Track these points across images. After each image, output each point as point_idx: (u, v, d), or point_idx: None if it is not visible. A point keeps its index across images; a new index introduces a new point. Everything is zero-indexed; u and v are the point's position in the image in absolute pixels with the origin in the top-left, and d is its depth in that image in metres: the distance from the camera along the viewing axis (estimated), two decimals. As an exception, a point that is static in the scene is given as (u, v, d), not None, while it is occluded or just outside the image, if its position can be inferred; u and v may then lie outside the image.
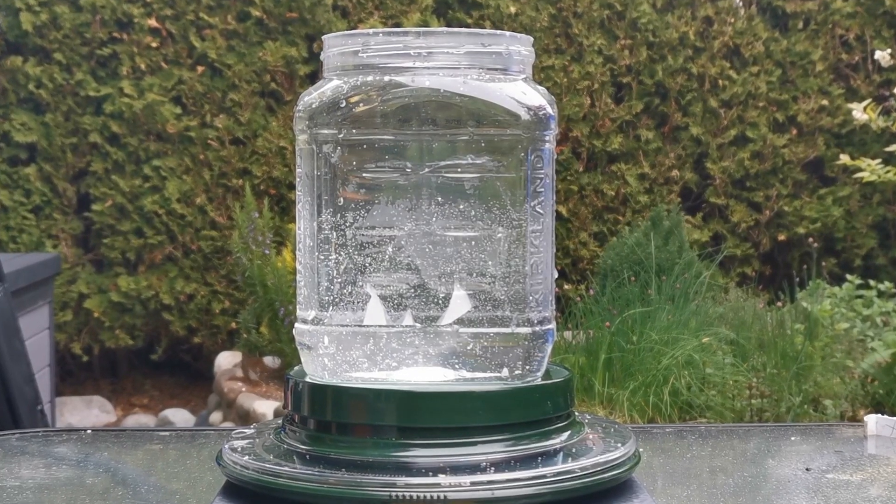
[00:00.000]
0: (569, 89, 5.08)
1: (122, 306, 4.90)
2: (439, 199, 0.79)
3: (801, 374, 3.63)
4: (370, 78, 0.80)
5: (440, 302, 0.79)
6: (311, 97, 0.82)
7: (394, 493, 0.73)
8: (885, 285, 4.17)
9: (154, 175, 4.90)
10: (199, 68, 4.94)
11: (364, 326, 0.80)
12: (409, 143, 0.79)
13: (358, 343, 0.80)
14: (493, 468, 0.75)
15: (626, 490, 0.79)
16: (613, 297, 4.10)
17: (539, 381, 0.81)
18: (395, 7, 4.93)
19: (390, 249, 0.79)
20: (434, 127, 0.79)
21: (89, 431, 1.11)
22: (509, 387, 0.79)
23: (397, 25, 4.89)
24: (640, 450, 0.84)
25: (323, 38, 0.85)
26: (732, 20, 5.16)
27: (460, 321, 0.79)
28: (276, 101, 5.00)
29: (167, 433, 1.13)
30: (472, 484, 0.74)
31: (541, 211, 0.81)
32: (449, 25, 4.94)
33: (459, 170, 0.79)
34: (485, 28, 4.92)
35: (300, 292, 0.83)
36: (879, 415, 1.09)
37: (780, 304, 4.20)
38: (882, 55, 3.92)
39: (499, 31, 0.82)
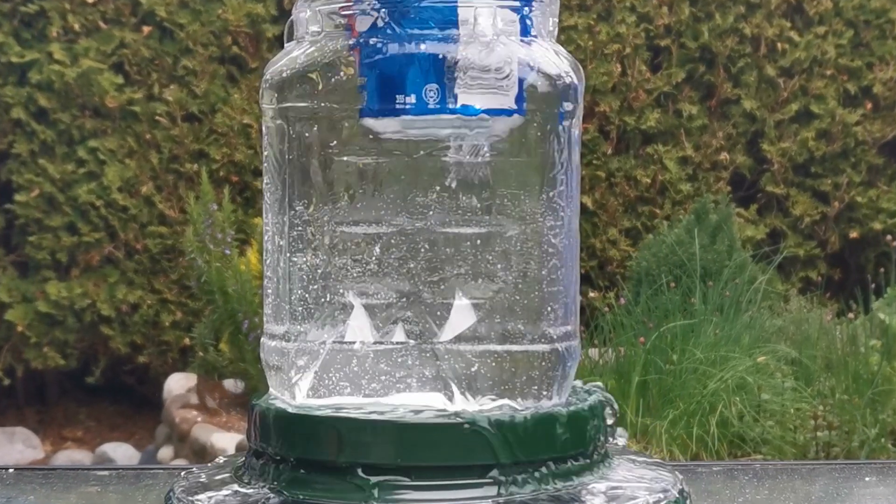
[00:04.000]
0: (595, 54, 5.08)
1: (51, 318, 4.90)
2: (437, 188, 0.79)
3: (878, 400, 3.63)
4: (352, 40, 0.80)
5: (438, 313, 0.79)
6: (281, 64, 0.82)
7: (382, 547, 0.73)
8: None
9: (90, 159, 4.90)
10: (145, 29, 4.94)
11: (345, 343, 0.80)
12: (400, 119, 0.79)
13: (338, 363, 0.80)
14: (502, 516, 0.75)
15: (664, 542, 0.79)
16: (649, 307, 4.10)
17: (560, 409, 0.81)
18: (383, -46, 4.93)
19: (378, 250, 0.79)
20: (431, 100, 0.79)
21: (11, 470, 1.11)
22: (523, 417, 0.79)
23: (386, -23, 4.89)
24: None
25: (295, -9, 0.85)
26: (794, -30, 5.16)
27: (463, 337, 0.79)
28: (238, 68, 5.00)
29: (106, 472, 1.13)
30: (478, 535, 0.74)
31: (561, 202, 0.81)
32: (449, -23, 4.94)
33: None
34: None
35: (268, 302, 0.83)
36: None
37: (851, 315, 4.19)
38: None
39: (510, -16, 0.82)
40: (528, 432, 0.78)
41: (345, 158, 0.80)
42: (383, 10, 0.78)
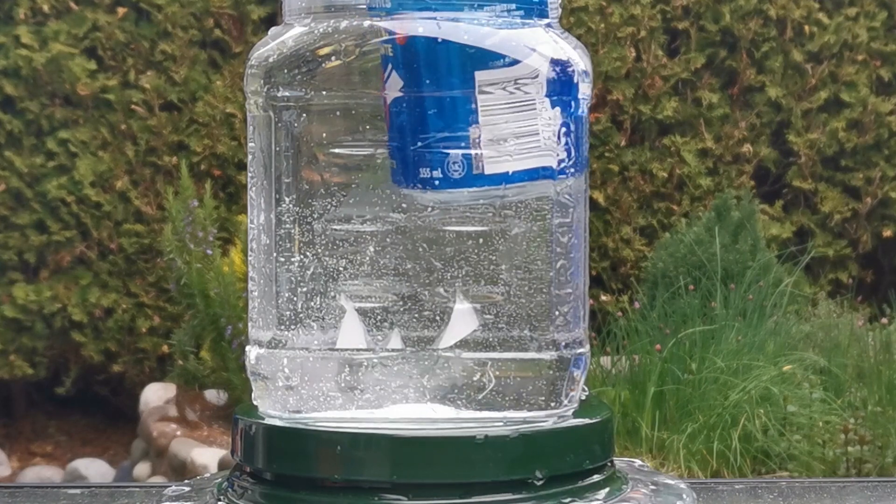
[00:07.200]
0: (607, 38, 5.08)
1: (18, 324, 4.90)
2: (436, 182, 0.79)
3: (914, 412, 3.63)
4: (345, 23, 0.80)
5: (437, 318, 0.79)
6: (268, 49, 0.82)
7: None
8: None
9: (61, 151, 4.90)
10: (120, 10, 4.94)
11: (337, 351, 0.80)
12: (396, 108, 0.79)
13: (329, 372, 0.80)
14: (507, 537, 0.75)
15: (682, 566, 0.79)
16: (666, 312, 4.10)
17: (568, 423, 0.81)
18: (377, -70, 4.94)
19: (372, 249, 0.79)
20: (429, 88, 0.79)
21: (-25, 489, 1.11)
22: (529, 430, 0.79)
23: (381, -46, 4.89)
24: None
25: (283, -30, 0.85)
26: (822, -53, 5.17)
27: (464, 344, 0.79)
28: (221, 53, 5.00)
29: (78, 491, 1.13)
30: (480, 558, 0.74)
31: (569, 198, 0.81)
32: (449, -46, 4.95)
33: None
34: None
35: (253, 306, 0.83)
36: None
37: (884, 320, 4.19)
38: None
39: (515, -38, 0.82)
40: (535, 448, 0.78)
41: (337, 150, 0.80)
42: None
